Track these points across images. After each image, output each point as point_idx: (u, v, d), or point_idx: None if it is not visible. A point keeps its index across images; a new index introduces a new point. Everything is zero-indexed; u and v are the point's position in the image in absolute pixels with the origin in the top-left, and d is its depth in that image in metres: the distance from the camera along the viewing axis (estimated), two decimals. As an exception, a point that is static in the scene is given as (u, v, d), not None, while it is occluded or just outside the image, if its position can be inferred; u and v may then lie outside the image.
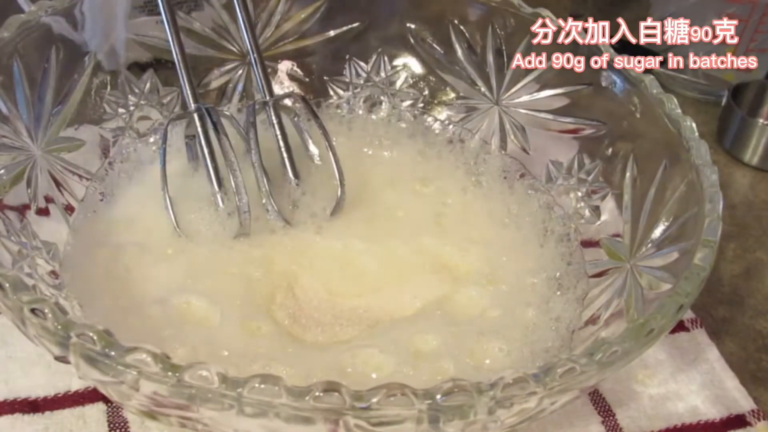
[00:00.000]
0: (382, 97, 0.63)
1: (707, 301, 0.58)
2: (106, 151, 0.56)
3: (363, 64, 0.63)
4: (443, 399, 0.33)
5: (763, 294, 0.60)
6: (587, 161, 0.56)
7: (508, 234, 0.55)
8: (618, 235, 0.51)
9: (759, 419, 0.50)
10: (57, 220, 0.51)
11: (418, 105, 0.63)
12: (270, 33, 0.61)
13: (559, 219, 0.55)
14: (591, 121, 0.56)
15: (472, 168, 0.60)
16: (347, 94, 0.63)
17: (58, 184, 0.52)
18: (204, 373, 0.32)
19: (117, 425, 0.46)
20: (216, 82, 0.61)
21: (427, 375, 0.45)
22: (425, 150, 0.61)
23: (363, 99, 0.63)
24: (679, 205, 0.47)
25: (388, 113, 0.63)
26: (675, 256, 0.45)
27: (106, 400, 0.47)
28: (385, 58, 0.63)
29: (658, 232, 0.48)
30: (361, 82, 0.63)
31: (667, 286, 0.44)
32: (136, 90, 0.58)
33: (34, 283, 0.44)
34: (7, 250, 0.44)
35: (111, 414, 0.47)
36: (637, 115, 0.52)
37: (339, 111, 0.63)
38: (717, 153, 0.72)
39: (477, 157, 0.60)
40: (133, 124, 0.58)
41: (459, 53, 0.60)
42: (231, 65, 0.61)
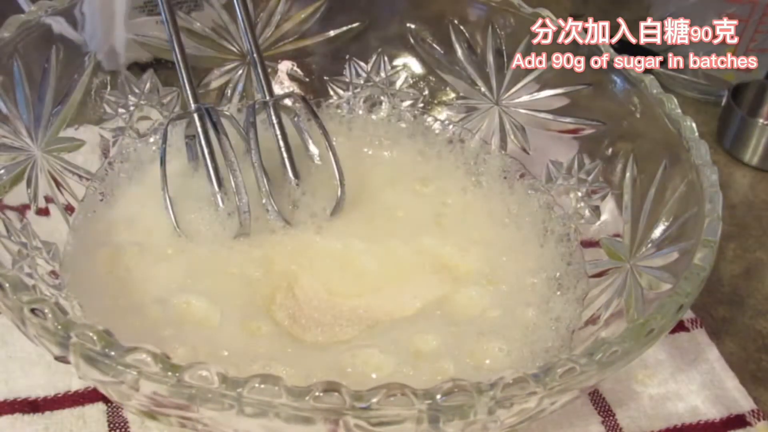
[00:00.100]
0: (382, 97, 0.63)
1: (707, 301, 0.58)
2: (106, 151, 0.56)
3: (363, 64, 0.63)
4: (443, 399, 0.33)
5: (763, 294, 0.60)
6: (587, 161, 0.56)
7: (508, 234, 0.55)
8: (618, 235, 0.51)
9: (759, 419, 0.50)
10: (57, 220, 0.51)
11: (418, 105, 0.63)
12: (270, 33, 0.61)
13: (559, 219, 0.55)
14: (591, 121, 0.56)
15: (472, 168, 0.60)
16: (347, 94, 0.63)
17: (58, 184, 0.52)
18: (204, 373, 0.32)
19: (117, 425, 0.46)
20: (216, 82, 0.61)
21: (427, 375, 0.45)
22: (425, 150, 0.61)
23: (363, 99, 0.63)
24: (679, 205, 0.47)
25: (388, 113, 0.63)
26: (675, 256, 0.45)
27: (106, 400, 0.47)
28: (385, 58, 0.63)
29: (658, 232, 0.48)
30: (361, 82, 0.63)
31: (667, 286, 0.44)
32: (136, 90, 0.58)
33: (34, 283, 0.44)
34: (7, 250, 0.44)
35: (111, 414, 0.47)
36: (637, 115, 0.52)
37: (339, 111, 0.63)
38: (717, 153, 0.72)
39: (477, 157, 0.60)
40: (133, 124, 0.58)
41: (459, 53, 0.60)
42: (231, 65, 0.61)
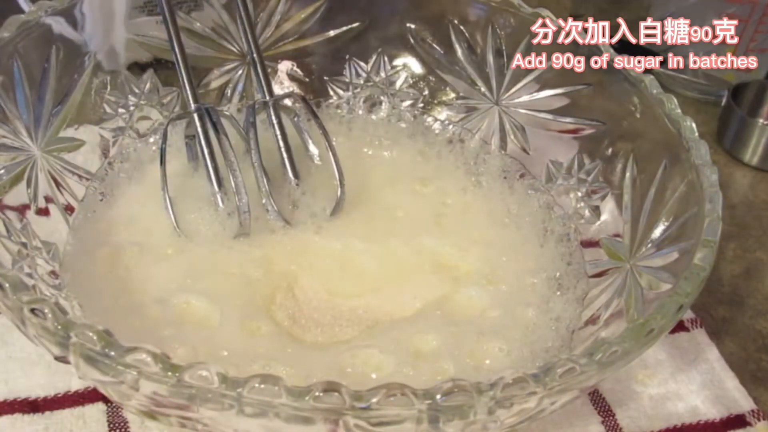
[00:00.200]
0: (382, 97, 0.63)
1: (707, 301, 0.58)
2: (106, 151, 0.56)
3: (363, 64, 0.63)
4: (443, 399, 0.33)
5: (763, 294, 0.60)
6: (587, 161, 0.56)
7: (508, 234, 0.55)
8: (618, 235, 0.51)
9: (759, 419, 0.50)
10: (57, 220, 0.51)
11: (418, 105, 0.63)
12: (270, 33, 0.61)
13: (559, 219, 0.55)
14: (591, 121, 0.56)
15: (472, 168, 0.60)
16: (347, 94, 0.63)
17: (58, 184, 0.52)
18: (204, 373, 0.32)
19: (117, 425, 0.46)
20: (216, 82, 0.61)
21: (427, 375, 0.45)
22: (425, 150, 0.61)
23: (363, 99, 0.63)
24: (679, 205, 0.47)
25: (388, 113, 0.63)
26: (675, 256, 0.45)
27: (106, 400, 0.47)
28: (385, 58, 0.63)
29: (658, 232, 0.48)
30: (361, 82, 0.63)
31: (667, 286, 0.44)
32: (136, 90, 0.58)
33: (34, 283, 0.44)
34: (7, 250, 0.44)
35: (111, 414, 0.47)
36: (637, 115, 0.52)
37: (339, 111, 0.63)
38: (717, 153, 0.72)
39: (477, 157, 0.60)
40: (133, 124, 0.58)
41: (459, 53, 0.60)
42: (231, 65, 0.61)
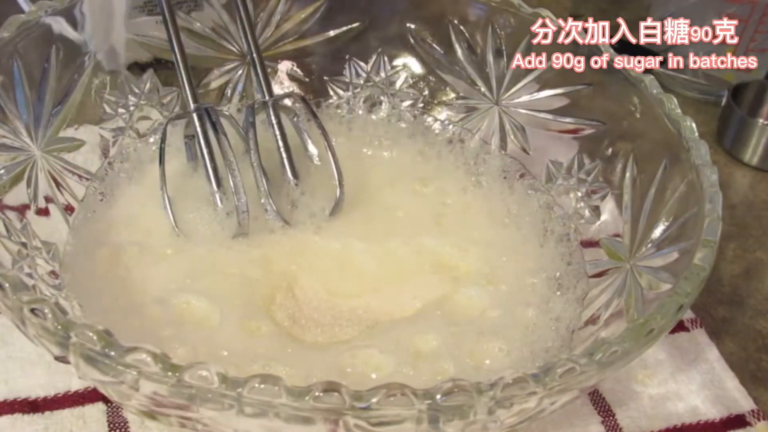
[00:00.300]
0: (382, 97, 0.63)
1: (707, 301, 0.58)
2: (106, 151, 0.56)
3: (363, 64, 0.63)
4: (443, 399, 0.33)
5: (763, 294, 0.60)
6: (587, 161, 0.56)
7: (508, 234, 0.55)
8: (618, 235, 0.51)
9: (759, 419, 0.50)
10: (57, 220, 0.51)
11: (418, 105, 0.63)
12: (270, 33, 0.61)
13: (559, 219, 0.55)
14: (591, 121, 0.56)
15: (472, 168, 0.60)
16: (347, 94, 0.63)
17: (58, 184, 0.52)
18: (204, 373, 0.32)
19: (117, 425, 0.46)
20: (216, 82, 0.61)
21: (427, 375, 0.45)
22: (425, 150, 0.61)
23: (363, 99, 0.63)
24: (679, 205, 0.47)
25: (388, 113, 0.63)
26: (675, 256, 0.45)
27: (106, 400, 0.47)
28: (385, 58, 0.63)
29: (658, 232, 0.48)
30: (361, 82, 0.63)
31: (667, 286, 0.44)
32: (136, 90, 0.58)
33: (34, 283, 0.44)
34: (7, 250, 0.44)
35: (111, 414, 0.47)
36: (637, 115, 0.52)
37: (339, 111, 0.63)
38: (717, 153, 0.72)
39: (477, 157, 0.60)
40: (133, 124, 0.58)
41: (459, 53, 0.60)
42: (231, 65, 0.61)
